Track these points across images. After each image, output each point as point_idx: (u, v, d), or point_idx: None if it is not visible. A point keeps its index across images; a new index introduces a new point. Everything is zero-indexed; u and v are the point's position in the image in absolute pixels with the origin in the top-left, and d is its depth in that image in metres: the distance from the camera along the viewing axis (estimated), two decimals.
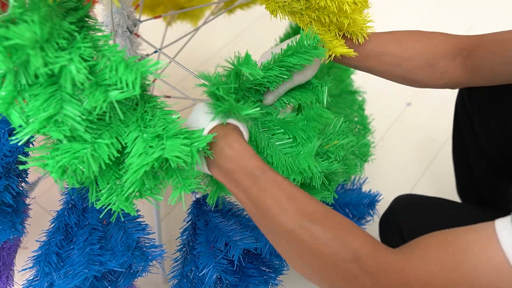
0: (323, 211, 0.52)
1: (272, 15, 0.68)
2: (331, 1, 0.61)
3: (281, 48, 0.65)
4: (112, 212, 0.61)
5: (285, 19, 0.70)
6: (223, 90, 0.58)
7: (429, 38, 0.71)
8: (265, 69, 0.65)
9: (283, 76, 0.65)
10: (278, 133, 0.67)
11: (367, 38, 0.69)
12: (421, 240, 0.51)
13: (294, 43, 0.64)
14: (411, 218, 0.83)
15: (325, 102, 0.70)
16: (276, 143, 0.66)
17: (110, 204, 0.59)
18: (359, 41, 0.68)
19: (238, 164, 0.56)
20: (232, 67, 0.61)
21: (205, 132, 0.58)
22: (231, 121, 0.60)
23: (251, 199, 0.55)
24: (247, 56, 0.60)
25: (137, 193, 0.58)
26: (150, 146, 0.54)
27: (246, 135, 0.61)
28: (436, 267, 0.47)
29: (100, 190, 0.60)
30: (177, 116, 0.58)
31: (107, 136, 0.55)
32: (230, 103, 0.58)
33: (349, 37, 0.69)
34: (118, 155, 0.57)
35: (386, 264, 0.48)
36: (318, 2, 0.63)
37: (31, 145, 0.67)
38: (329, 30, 0.67)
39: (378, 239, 0.95)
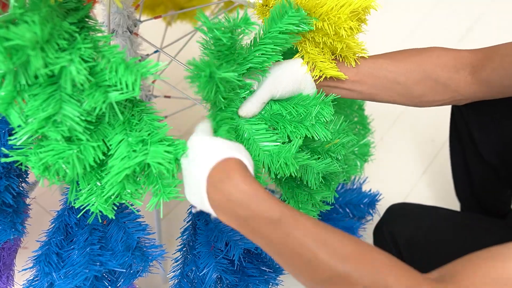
0: (356, 251, 0.47)
1: None
2: (328, 24, 0.62)
3: (265, 21, 0.62)
4: (90, 213, 0.61)
5: None
6: (220, 32, 0.54)
7: (425, 52, 0.69)
8: (252, 46, 0.63)
9: (271, 53, 0.62)
10: (261, 129, 0.65)
11: (358, 63, 0.68)
12: (456, 266, 0.48)
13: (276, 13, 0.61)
14: (406, 228, 0.83)
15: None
16: (257, 137, 0.64)
17: (88, 204, 0.59)
18: (351, 64, 0.67)
19: (252, 210, 0.47)
20: (229, 23, 0.56)
21: (206, 175, 0.49)
22: (233, 154, 0.51)
23: (274, 247, 0.48)
24: (246, 14, 0.56)
25: (117, 196, 0.58)
26: (134, 150, 0.54)
27: (251, 168, 0.52)
28: None
29: (80, 190, 0.60)
30: (164, 124, 0.58)
31: (94, 138, 0.55)
32: (210, 61, 0.54)
33: (341, 60, 0.68)
34: (104, 157, 0.57)
35: None
36: (315, 23, 0.63)
37: None
38: (322, 52, 0.67)
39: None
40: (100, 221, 0.67)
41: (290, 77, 0.66)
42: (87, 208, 0.59)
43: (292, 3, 0.61)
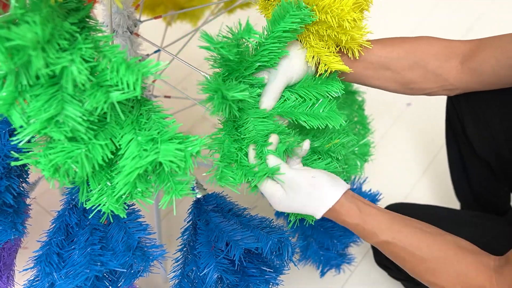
0: (441, 264, 0.59)
1: None
2: (331, 17, 0.62)
3: (268, 22, 0.64)
4: (102, 213, 0.61)
5: None
6: (226, 50, 0.57)
7: (417, 40, 0.70)
8: (258, 46, 0.64)
9: (277, 50, 0.64)
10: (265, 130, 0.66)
11: (363, 54, 0.68)
12: None
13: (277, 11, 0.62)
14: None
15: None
16: (260, 139, 0.65)
17: (100, 204, 0.59)
18: (355, 56, 0.68)
19: (364, 237, 0.63)
20: (233, 35, 0.58)
21: (331, 203, 0.61)
22: (344, 187, 0.62)
23: (384, 251, 0.64)
24: (248, 24, 0.58)
25: (128, 195, 0.58)
26: (145, 149, 0.54)
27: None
28: None
29: (90, 191, 0.60)
30: (172, 120, 0.58)
31: (101, 137, 0.56)
32: (219, 83, 0.56)
33: (345, 52, 0.68)
34: (112, 156, 0.57)
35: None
36: (319, 16, 0.63)
37: None
38: (327, 45, 0.67)
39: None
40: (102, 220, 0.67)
41: (299, 62, 0.67)
42: (98, 208, 0.59)
43: (293, 2, 0.61)
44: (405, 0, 1.77)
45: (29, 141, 0.63)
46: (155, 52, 0.87)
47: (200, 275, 0.67)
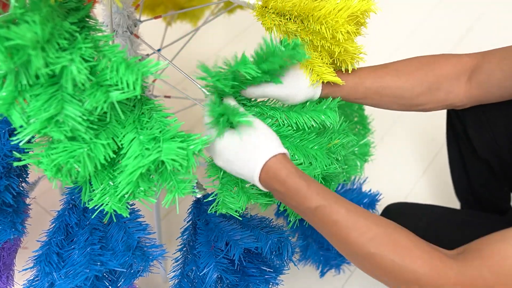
0: (382, 233, 0.55)
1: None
2: (325, 28, 0.61)
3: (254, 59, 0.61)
4: (104, 212, 0.61)
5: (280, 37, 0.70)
6: (222, 83, 0.58)
7: (428, 64, 0.71)
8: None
9: (269, 80, 0.64)
10: None
11: (355, 68, 0.69)
12: (476, 248, 0.54)
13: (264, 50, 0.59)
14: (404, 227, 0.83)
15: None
16: None
17: (102, 204, 0.59)
18: (348, 70, 0.68)
19: (296, 200, 0.57)
20: (229, 67, 0.59)
21: (261, 165, 0.57)
22: (282, 149, 0.58)
23: (316, 226, 0.59)
24: (244, 57, 0.59)
25: (130, 195, 0.58)
26: (147, 148, 0.54)
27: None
28: (492, 277, 0.50)
29: (93, 190, 0.60)
30: (174, 119, 0.58)
31: (103, 137, 0.56)
32: (225, 107, 0.56)
33: (338, 64, 0.68)
34: (114, 155, 0.57)
35: (445, 281, 0.52)
36: (313, 26, 0.63)
37: None
38: (320, 55, 0.67)
39: None
40: (106, 220, 0.67)
41: (303, 96, 0.68)
42: (100, 208, 0.59)
43: (282, 41, 0.59)
44: (405, 0, 1.77)
45: (29, 141, 0.63)
46: (154, 52, 0.87)
47: (200, 274, 0.67)
